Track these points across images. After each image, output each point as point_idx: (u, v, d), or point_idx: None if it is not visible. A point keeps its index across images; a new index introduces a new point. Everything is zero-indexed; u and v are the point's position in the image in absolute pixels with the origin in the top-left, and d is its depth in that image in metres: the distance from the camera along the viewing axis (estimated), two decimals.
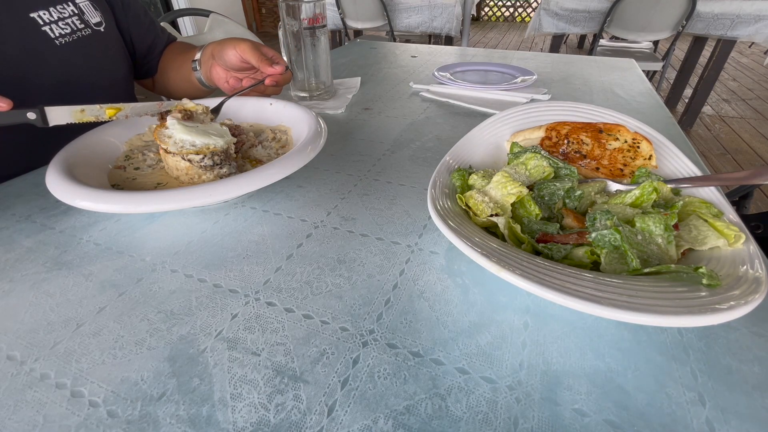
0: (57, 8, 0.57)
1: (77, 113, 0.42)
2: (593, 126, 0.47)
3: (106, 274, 0.35)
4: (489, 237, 0.32)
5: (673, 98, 2.79)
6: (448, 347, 0.28)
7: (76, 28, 0.59)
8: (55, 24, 0.57)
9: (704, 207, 0.34)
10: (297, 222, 0.42)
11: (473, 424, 0.24)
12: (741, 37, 2.02)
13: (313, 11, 0.67)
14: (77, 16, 0.60)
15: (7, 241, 0.40)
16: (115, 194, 0.36)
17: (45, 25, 0.56)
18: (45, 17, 0.56)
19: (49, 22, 0.56)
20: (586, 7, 2.16)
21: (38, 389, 0.26)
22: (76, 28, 0.59)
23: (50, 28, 0.56)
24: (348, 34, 2.64)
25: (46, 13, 0.56)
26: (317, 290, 0.33)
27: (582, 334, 0.29)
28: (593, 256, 0.31)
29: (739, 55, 4.24)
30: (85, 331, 0.30)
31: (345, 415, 0.24)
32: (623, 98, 0.76)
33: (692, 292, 0.25)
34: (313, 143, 0.44)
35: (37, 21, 0.55)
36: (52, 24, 0.57)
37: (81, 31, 0.60)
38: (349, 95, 0.78)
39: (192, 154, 0.42)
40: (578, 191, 0.37)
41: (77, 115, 0.42)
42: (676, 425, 0.23)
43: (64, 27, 0.58)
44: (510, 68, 0.89)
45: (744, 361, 0.27)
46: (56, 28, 0.57)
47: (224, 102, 0.55)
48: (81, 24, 0.60)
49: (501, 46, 5.05)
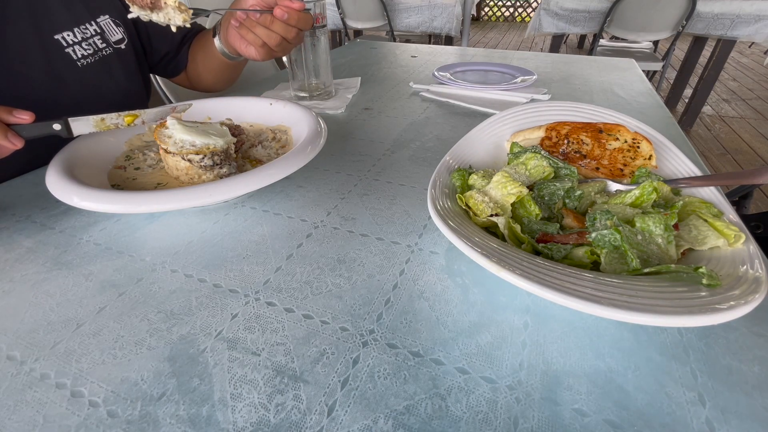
0: (80, 28, 0.57)
1: (98, 122, 0.44)
2: (593, 126, 0.47)
3: (106, 274, 0.35)
4: (489, 237, 0.32)
5: (673, 98, 2.79)
6: (448, 347, 0.28)
7: (97, 48, 0.59)
8: (78, 45, 0.57)
9: (704, 207, 0.34)
10: (297, 222, 0.42)
11: (473, 424, 0.24)
12: (741, 37, 2.02)
13: (313, 11, 0.67)
14: (99, 35, 0.59)
15: (7, 241, 0.40)
16: (115, 194, 0.36)
17: (68, 47, 0.56)
18: (69, 38, 0.56)
19: (72, 43, 0.56)
20: (586, 7, 2.16)
21: (38, 389, 0.26)
22: (98, 48, 0.59)
23: (73, 50, 0.56)
24: (348, 34, 2.64)
25: (71, 34, 0.56)
26: (317, 290, 0.33)
27: (582, 334, 0.29)
28: (593, 256, 0.31)
29: (739, 55, 4.24)
30: (85, 331, 0.30)
31: (345, 415, 0.24)
32: (623, 98, 0.76)
33: (692, 292, 0.25)
34: (313, 143, 0.44)
35: (61, 42, 0.55)
36: (75, 45, 0.56)
37: (102, 50, 0.60)
38: (349, 95, 0.78)
39: (192, 154, 0.42)
40: (578, 191, 0.37)
41: (99, 125, 0.44)
42: (676, 425, 0.23)
43: (87, 48, 0.58)
44: (510, 68, 0.89)
45: (744, 361, 0.27)
46: (79, 50, 0.57)
47: (223, 17, 0.52)
48: (103, 43, 0.60)
49: (501, 46, 5.05)
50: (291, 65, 0.73)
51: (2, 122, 0.38)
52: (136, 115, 0.46)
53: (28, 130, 0.39)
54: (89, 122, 0.43)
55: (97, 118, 0.44)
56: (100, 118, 0.44)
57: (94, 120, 0.44)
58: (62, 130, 0.42)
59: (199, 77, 0.75)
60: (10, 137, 0.38)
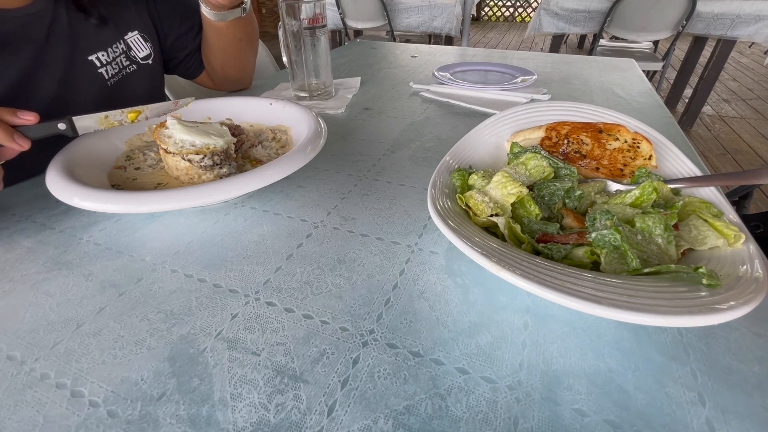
0: (112, 48, 0.58)
1: (102, 120, 0.45)
2: (593, 126, 0.47)
3: (106, 274, 0.35)
4: (489, 237, 0.32)
5: (673, 98, 2.79)
6: (448, 347, 0.28)
7: (122, 66, 0.60)
8: (109, 65, 0.58)
9: (704, 207, 0.34)
10: (297, 222, 0.42)
11: (473, 424, 0.24)
12: (741, 37, 2.02)
13: (313, 11, 0.67)
14: (124, 54, 0.60)
15: (7, 241, 0.40)
16: (115, 194, 0.36)
17: (101, 67, 0.57)
18: (103, 59, 0.57)
19: (105, 63, 0.57)
20: (586, 7, 2.16)
21: (38, 389, 0.26)
22: (122, 67, 0.60)
23: (105, 70, 0.57)
24: (348, 34, 2.64)
25: (104, 55, 0.57)
26: (317, 290, 0.33)
27: (582, 334, 0.29)
28: (593, 256, 0.31)
29: (739, 55, 4.24)
30: (85, 331, 0.30)
31: (345, 415, 0.24)
32: (623, 98, 0.76)
33: (692, 292, 0.25)
34: (313, 143, 0.44)
35: (95, 63, 0.56)
36: (107, 65, 0.58)
37: (126, 68, 0.61)
38: (349, 95, 0.78)
39: (192, 154, 0.42)
40: (578, 191, 0.37)
41: (103, 122, 0.45)
42: (676, 425, 0.23)
43: (114, 67, 0.59)
44: (510, 68, 0.89)
45: (744, 361, 0.27)
46: (110, 69, 0.58)
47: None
48: (127, 61, 0.61)
49: (501, 46, 5.05)
50: (291, 65, 0.73)
51: (8, 124, 0.38)
52: (140, 111, 0.46)
53: (33, 131, 0.40)
54: (93, 120, 0.44)
55: (101, 115, 0.44)
56: (104, 115, 0.44)
57: (98, 117, 0.44)
58: (67, 129, 0.42)
59: (214, 69, 0.75)
60: (17, 138, 0.38)
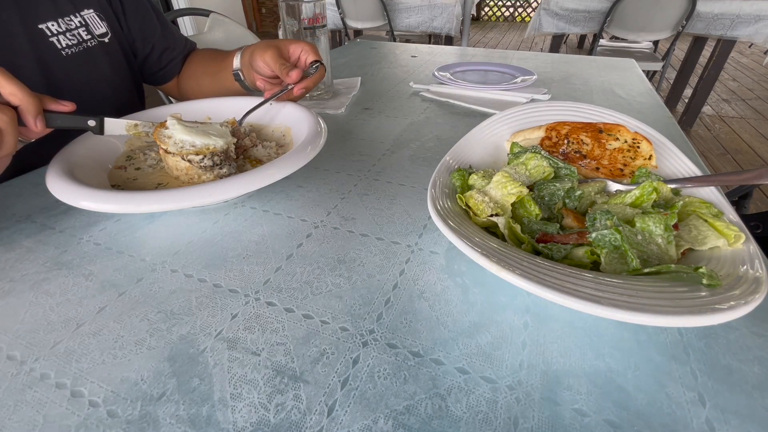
0: (64, 20, 0.58)
1: (131, 127, 0.46)
2: (593, 126, 0.47)
3: (106, 274, 0.35)
4: (489, 237, 0.32)
5: (673, 98, 2.79)
6: (448, 347, 0.28)
7: (82, 39, 0.60)
8: (62, 35, 0.58)
9: (704, 207, 0.34)
10: (297, 222, 0.42)
11: (473, 424, 0.24)
12: (741, 37, 2.02)
13: (313, 11, 0.67)
14: (84, 27, 0.61)
15: (7, 241, 0.40)
16: (115, 194, 0.36)
17: (52, 36, 0.57)
18: (53, 28, 0.57)
19: (56, 33, 0.57)
20: (586, 7, 2.16)
21: (38, 389, 0.26)
22: (82, 39, 0.60)
23: (57, 39, 0.57)
24: (348, 34, 2.64)
25: (54, 24, 0.57)
26: (317, 290, 0.33)
27: (582, 334, 0.29)
28: (593, 256, 0.31)
29: (739, 55, 4.24)
30: (85, 331, 0.30)
31: (345, 415, 0.24)
32: (623, 98, 0.76)
33: (692, 292, 0.25)
34: (313, 143, 0.44)
35: (45, 32, 0.56)
36: (59, 35, 0.58)
37: (87, 42, 0.61)
38: (349, 95, 0.78)
39: (192, 155, 0.42)
40: (578, 191, 0.37)
41: (131, 129, 0.46)
42: (676, 425, 0.23)
43: (71, 38, 0.59)
44: (510, 68, 0.89)
45: (744, 361, 0.27)
46: (63, 39, 0.58)
47: (249, 113, 0.53)
48: (87, 35, 0.61)
49: (501, 46, 5.05)
50: None
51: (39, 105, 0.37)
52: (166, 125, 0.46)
53: (62, 120, 0.40)
54: (121, 125, 0.45)
55: (131, 122, 0.45)
56: (133, 123, 0.45)
57: (126, 124, 0.45)
58: (95, 127, 0.43)
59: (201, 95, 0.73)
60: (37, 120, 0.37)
